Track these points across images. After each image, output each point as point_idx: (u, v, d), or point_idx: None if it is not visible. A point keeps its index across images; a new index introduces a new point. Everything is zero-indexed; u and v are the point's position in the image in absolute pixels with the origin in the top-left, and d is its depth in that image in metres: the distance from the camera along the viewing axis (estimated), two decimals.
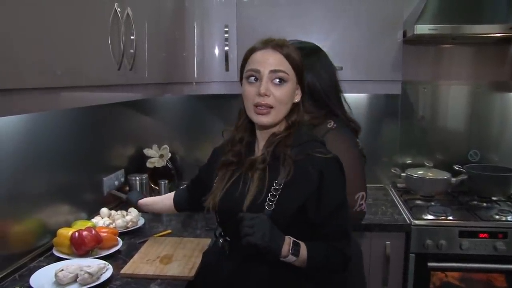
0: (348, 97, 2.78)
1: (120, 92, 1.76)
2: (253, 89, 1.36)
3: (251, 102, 1.37)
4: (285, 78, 1.36)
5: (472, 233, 2.22)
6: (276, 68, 1.35)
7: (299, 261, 1.31)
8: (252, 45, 1.42)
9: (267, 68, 1.35)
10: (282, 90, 1.36)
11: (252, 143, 1.48)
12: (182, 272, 1.72)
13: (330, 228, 1.36)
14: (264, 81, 1.34)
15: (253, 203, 1.34)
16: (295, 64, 1.38)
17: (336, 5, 2.40)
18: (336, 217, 1.36)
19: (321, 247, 1.35)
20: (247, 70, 1.38)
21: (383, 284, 2.28)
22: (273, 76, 1.35)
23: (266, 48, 1.37)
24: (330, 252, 1.35)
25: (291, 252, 1.28)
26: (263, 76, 1.34)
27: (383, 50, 2.41)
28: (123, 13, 1.63)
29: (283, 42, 1.40)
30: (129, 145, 2.85)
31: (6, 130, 1.68)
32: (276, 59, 1.36)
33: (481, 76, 2.79)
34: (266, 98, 1.34)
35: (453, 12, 2.36)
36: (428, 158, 2.78)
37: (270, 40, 1.39)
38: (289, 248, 1.28)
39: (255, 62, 1.37)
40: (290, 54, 1.37)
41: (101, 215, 2.24)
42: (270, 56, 1.36)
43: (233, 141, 1.49)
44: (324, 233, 1.36)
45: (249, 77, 1.37)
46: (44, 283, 1.58)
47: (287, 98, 1.38)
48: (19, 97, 1.13)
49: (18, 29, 1.09)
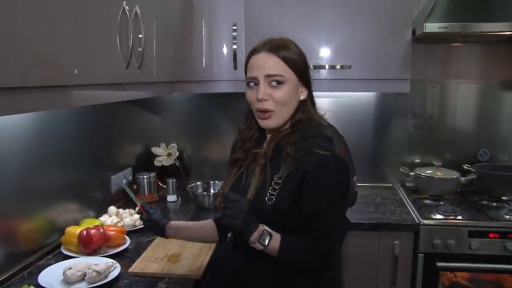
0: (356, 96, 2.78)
1: (129, 91, 1.76)
2: (253, 94, 1.39)
3: (254, 107, 1.42)
4: (282, 80, 1.37)
5: (482, 233, 2.20)
6: (271, 73, 1.37)
7: (269, 251, 1.33)
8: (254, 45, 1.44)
9: (262, 73, 1.37)
10: (280, 91, 1.37)
11: (262, 139, 1.50)
12: (190, 271, 1.72)
13: (315, 225, 1.34)
14: (261, 86, 1.37)
15: (255, 197, 1.38)
16: (292, 63, 1.39)
17: (344, 3, 2.39)
18: (323, 215, 1.34)
19: (298, 242, 1.35)
20: (246, 78, 1.43)
21: (392, 284, 2.27)
22: (269, 80, 1.37)
23: (262, 52, 1.39)
24: (306, 249, 1.34)
25: (258, 240, 1.31)
26: (260, 81, 1.37)
27: (392, 49, 2.40)
28: (132, 11, 1.62)
29: (282, 43, 1.40)
30: (137, 144, 2.86)
31: (14, 128, 1.69)
32: (272, 63, 1.37)
33: (490, 75, 2.77)
34: (265, 102, 1.37)
35: (462, 10, 2.34)
36: (437, 157, 2.76)
37: (268, 42, 1.40)
38: (257, 236, 1.31)
39: (252, 68, 1.40)
40: (287, 56, 1.38)
41: (109, 214, 2.25)
42: (266, 60, 1.38)
43: (244, 138, 1.52)
44: (308, 229, 1.34)
45: (249, 83, 1.41)
46: (52, 281, 1.58)
47: (286, 99, 1.39)
48: (27, 95, 1.13)
49: (26, 27, 1.09)
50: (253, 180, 1.42)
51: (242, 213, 1.29)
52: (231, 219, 1.30)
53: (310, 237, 1.34)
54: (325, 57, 2.43)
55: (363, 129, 2.86)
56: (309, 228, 1.34)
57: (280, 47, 1.38)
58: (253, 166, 1.45)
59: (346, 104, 2.84)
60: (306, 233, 1.35)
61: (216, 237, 1.63)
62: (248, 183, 1.43)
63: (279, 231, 1.34)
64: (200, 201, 2.56)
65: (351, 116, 2.83)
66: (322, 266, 1.39)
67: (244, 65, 1.47)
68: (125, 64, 1.61)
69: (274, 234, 1.33)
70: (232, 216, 1.30)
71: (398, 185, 2.89)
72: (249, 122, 1.52)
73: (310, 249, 1.34)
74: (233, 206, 1.31)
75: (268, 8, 2.42)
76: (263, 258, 1.36)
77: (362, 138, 2.85)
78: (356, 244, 2.16)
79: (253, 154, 1.46)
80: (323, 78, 2.44)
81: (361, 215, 2.33)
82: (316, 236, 1.34)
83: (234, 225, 1.30)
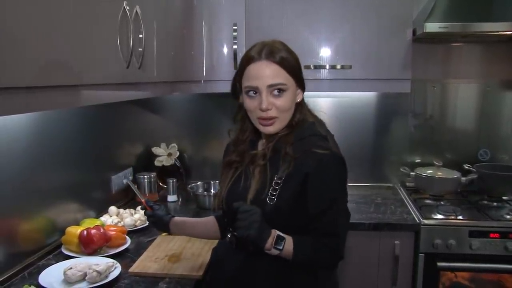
0: (357, 96, 2.79)
1: (129, 91, 1.76)
2: (254, 103, 1.38)
3: (254, 115, 1.40)
4: (284, 88, 1.37)
5: (483, 233, 2.19)
6: (273, 82, 1.36)
7: (283, 254, 1.33)
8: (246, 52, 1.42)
9: (264, 83, 1.36)
10: (282, 99, 1.38)
11: (255, 141, 1.51)
12: (191, 270, 1.72)
13: (321, 223, 1.36)
14: (264, 96, 1.36)
15: (255, 198, 1.38)
16: (290, 68, 1.39)
17: (345, 3, 2.39)
18: (328, 213, 1.35)
19: (308, 241, 1.36)
20: (245, 86, 1.40)
21: (392, 283, 2.27)
22: (271, 89, 1.37)
23: (260, 60, 1.37)
24: (317, 247, 1.36)
25: (273, 246, 1.31)
26: (262, 91, 1.36)
27: (393, 49, 2.40)
28: (132, 11, 1.62)
29: (276, 46, 1.39)
30: (137, 144, 2.86)
31: (15, 128, 1.69)
32: (272, 71, 1.36)
33: (491, 75, 2.76)
34: (269, 111, 1.37)
35: (463, 10, 2.34)
36: (438, 157, 2.75)
37: (262, 48, 1.38)
38: (272, 242, 1.31)
39: (251, 78, 1.38)
40: (284, 60, 1.38)
41: (110, 214, 2.25)
42: (265, 69, 1.36)
43: (237, 141, 1.53)
44: (314, 228, 1.36)
45: (248, 92, 1.39)
46: (53, 281, 1.58)
47: (288, 105, 1.40)
48: (27, 95, 1.13)
49: (26, 27, 1.09)
50: (253, 181, 1.42)
51: (256, 223, 1.28)
52: (246, 230, 1.28)
53: (318, 235, 1.35)
54: (326, 57, 2.43)
55: (363, 129, 2.86)
56: (315, 226, 1.36)
57: (275, 52, 1.37)
58: (252, 168, 1.45)
59: (346, 104, 2.84)
60: (313, 232, 1.36)
61: (218, 234, 1.64)
62: (247, 185, 1.43)
63: (280, 231, 1.35)
64: (200, 201, 2.56)
65: (351, 116, 2.84)
66: (334, 260, 1.40)
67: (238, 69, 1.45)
68: (125, 64, 1.61)
69: (286, 237, 1.34)
70: (246, 227, 1.28)
71: (398, 185, 2.89)
72: (243, 125, 1.52)
73: (321, 247, 1.35)
74: (246, 217, 1.29)
75: (268, 8, 2.42)
76: (263, 259, 1.36)
77: (363, 138, 2.85)
78: (356, 244, 2.15)
79: (251, 155, 1.46)
80: (324, 78, 2.44)
81: (362, 215, 2.33)
82: (324, 234, 1.36)
83: (250, 236, 1.28)
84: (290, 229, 1.36)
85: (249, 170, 1.46)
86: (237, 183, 1.47)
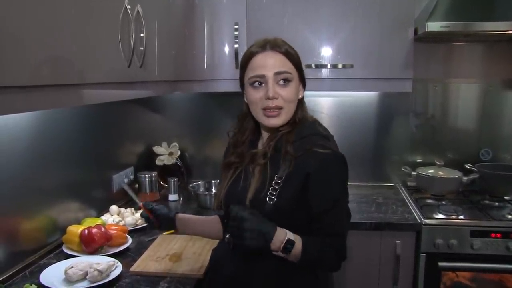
0: (358, 95, 2.79)
1: (130, 90, 1.76)
2: (259, 94, 1.37)
3: (259, 107, 1.39)
4: (290, 78, 1.38)
5: (484, 232, 2.19)
6: (280, 70, 1.36)
7: (291, 257, 1.32)
8: (248, 49, 1.43)
9: (271, 71, 1.36)
10: (288, 89, 1.37)
11: (254, 142, 1.51)
12: (192, 270, 1.72)
13: (325, 224, 1.35)
14: (270, 84, 1.35)
15: (255, 197, 1.37)
16: (295, 61, 1.40)
17: (346, 2, 2.39)
18: (331, 213, 1.35)
19: (315, 242, 1.35)
20: (250, 77, 1.39)
21: (393, 283, 2.27)
22: (278, 78, 1.36)
23: (265, 50, 1.38)
24: (323, 248, 1.35)
25: (281, 250, 1.30)
26: (268, 79, 1.36)
27: (394, 48, 2.39)
28: (133, 10, 1.62)
29: (279, 41, 1.40)
30: (138, 143, 2.86)
31: (16, 128, 1.69)
32: (278, 60, 1.37)
33: (492, 74, 2.76)
34: (275, 100, 1.36)
35: (464, 9, 2.33)
36: (439, 157, 2.75)
37: (266, 41, 1.39)
38: (280, 246, 1.29)
39: (256, 67, 1.38)
40: (289, 52, 1.39)
41: (111, 213, 2.25)
42: (271, 58, 1.37)
43: (236, 143, 1.52)
44: (318, 228, 1.36)
45: (253, 83, 1.39)
46: (54, 280, 1.58)
47: (293, 96, 1.40)
48: (28, 94, 1.13)
49: (27, 26, 1.09)
50: (252, 181, 1.41)
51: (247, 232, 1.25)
52: (238, 239, 1.27)
53: (322, 234, 1.35)
54: (327, 56, 2.43)
55: (365, 128, 2.85)
56: (318, 227, 1.35)
57: (280, 44, 1.39)
58: (252, 167, 1.44)
59: (348, 104, 2.84)
60: (316, 232, 1.35)
61: (221, 234, 1.62)
62: (247, 184, 1.42)
63: None
64: (201, 200, 2.56)
65: (353, 115, 2.83)
66: (339, 260, 1.39)
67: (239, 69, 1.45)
68: (127, 63, 1.61)
69: (296, 240, 1.31)
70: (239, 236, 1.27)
71: (400, 185, 2.89)
72: (243, 125, 1.51)
73: (325, 247, 1.35)
74: (237, 225, 1.27)
75: (269, 7, 2.41)
76: (263, 260, 1.35)
77: (364, 137, 2.85)
78: (357, 243, 2.15)
79: (252, 154, 1.45)
80: (325, 78, 2.43)
81: (363, 215, 2.33)
82: (328, 233, 1.35)
83: (244, 245, 1.27)
84: (290, 229, 1.34)
85: (249, 169, 1.45)
86: (236, 183, 1.46)
